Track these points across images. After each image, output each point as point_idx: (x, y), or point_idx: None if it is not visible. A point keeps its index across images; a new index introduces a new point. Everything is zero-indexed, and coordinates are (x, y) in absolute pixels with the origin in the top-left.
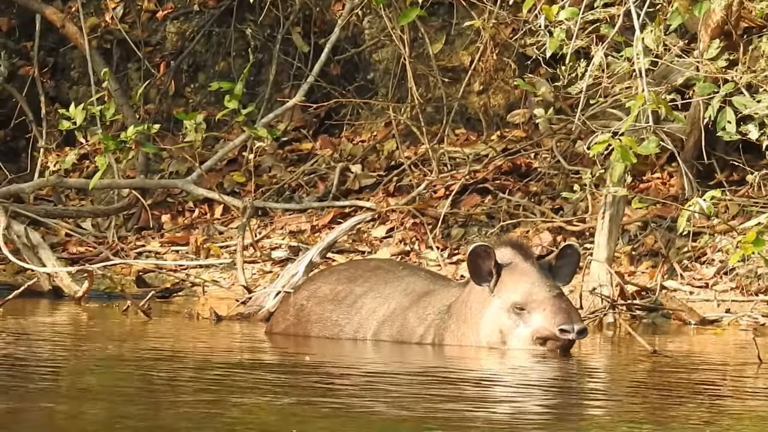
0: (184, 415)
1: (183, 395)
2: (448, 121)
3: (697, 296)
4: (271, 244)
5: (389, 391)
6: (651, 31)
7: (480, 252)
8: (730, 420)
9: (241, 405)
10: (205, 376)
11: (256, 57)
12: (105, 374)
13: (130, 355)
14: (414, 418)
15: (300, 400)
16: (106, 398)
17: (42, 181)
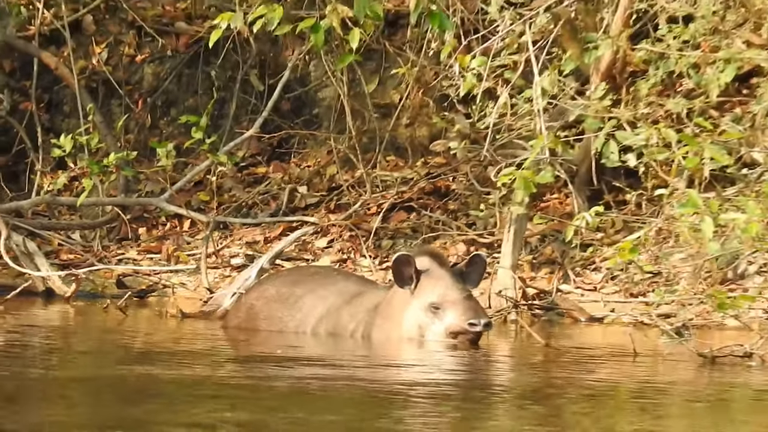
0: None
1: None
2: (380, 150)
3: (587, 298)
4: (231, 253)
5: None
6: (548, 75)
7: (402, 260)
8: (595, 397)
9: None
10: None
11: (219, 95)
12: (83, 361)
13: (108, 346)
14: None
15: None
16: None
17: (38, 199)
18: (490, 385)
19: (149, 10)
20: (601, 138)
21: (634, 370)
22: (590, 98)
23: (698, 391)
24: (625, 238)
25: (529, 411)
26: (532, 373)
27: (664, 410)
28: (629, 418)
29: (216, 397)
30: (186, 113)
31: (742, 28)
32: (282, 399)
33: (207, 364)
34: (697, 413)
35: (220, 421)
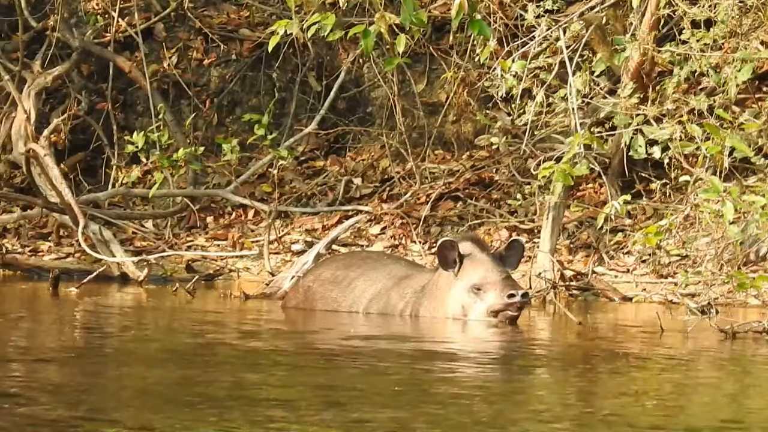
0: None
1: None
2: (428, 144)
3: (620, 279)
4: (291, 240)
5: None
6: (581, 75)
7: (447, 245)
8: (623, 363)
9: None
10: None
11: (280, 95)
12: (156, 339)
13: (178, 324)
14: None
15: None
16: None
17: (114, 191)
18: (528, 354)
19: (215, 18)
20: (630, 133)
21: (660, 343)
22: (620, 96)
23: (721, 362)
24: (654, 224)
25: (565, 377)
26: (565, 346)
27: (689, 377)
28: (656, 384)
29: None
30: (249, 112)
31: (758, 30)
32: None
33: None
34: (720, 381)
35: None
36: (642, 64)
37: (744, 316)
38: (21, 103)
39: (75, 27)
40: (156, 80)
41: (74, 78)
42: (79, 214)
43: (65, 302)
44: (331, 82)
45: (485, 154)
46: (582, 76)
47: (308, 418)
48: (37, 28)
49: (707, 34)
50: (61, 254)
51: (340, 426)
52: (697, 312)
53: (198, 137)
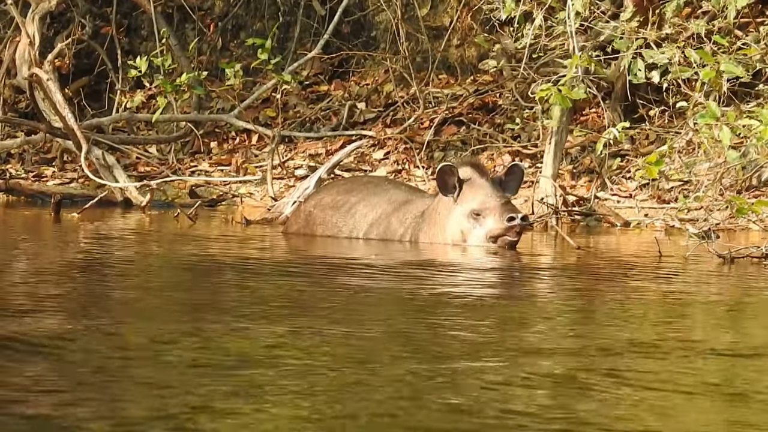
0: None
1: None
2: (432, 69)
3: (623, 204)
4: (295, 165)
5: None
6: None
7: (446, 170)
8: (610, 288)
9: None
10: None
11: (284, 19)
12: (155, 265)
13: (177, 249)
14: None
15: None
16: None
17: (117, 116)
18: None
19: None
20: (629, 56)
21: (657, 272)
22: (620, 20)
23: (720, 294)
24: (656, 150)
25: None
26: (560, 269)
27: (686, 311)
28: (652, 318)
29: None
30: (253, 37)
31: None
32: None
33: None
34: (716, 314)
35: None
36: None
37: (746, 241)
38: (24, 28)
39: None
40: (160, 4)
41: (78, 2)
42: (82, 139)
43: (65, 227)
44: (335, 6)
45: (489, 79)
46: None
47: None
48: None
49: None
50: (65, 179)
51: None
52: (697, 237)
53: (202, 62)
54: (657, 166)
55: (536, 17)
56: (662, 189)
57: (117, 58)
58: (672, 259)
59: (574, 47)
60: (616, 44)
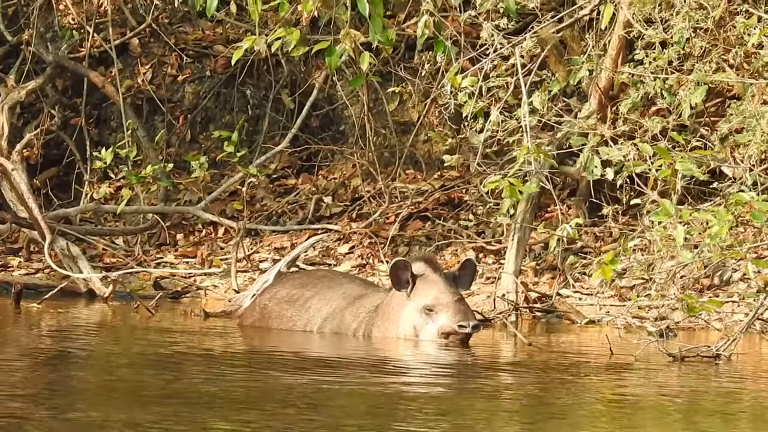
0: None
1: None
2: (399, 164)
3: (585, 302)
4: (260, 258)
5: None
6: (538, 95)
7: (399, 265)
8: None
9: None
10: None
11: (254, 112)
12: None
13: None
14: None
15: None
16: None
17: (83, 206)
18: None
19: (191, 34)
20: (586, 153)
21: (604, 369)
22: (577, 117)
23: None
24: (612, 249)
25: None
26: (503, 365)
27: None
28: (570, 400)
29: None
30: (222, 129)
31: (711, 52)
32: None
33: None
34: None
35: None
36: (611, 83)
37: (705, 340)
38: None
39: (50, 41)
40: (130, 96)
41: (48, 92)
42: (46, 230)
43: (23, 317)
44: (304, 100)
45: (455, 174)
46: (540, 95)
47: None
48: (11, 41)
49: (661, 56)
50: (31, 270)
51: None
52: (653, 336)
53: (171, 154)
54: (612, 265)
55: (492, 113)
56: (624, 287)
57: (86, 149)
58: (622, 358)
59: (528, 142)
60: (573, 141)
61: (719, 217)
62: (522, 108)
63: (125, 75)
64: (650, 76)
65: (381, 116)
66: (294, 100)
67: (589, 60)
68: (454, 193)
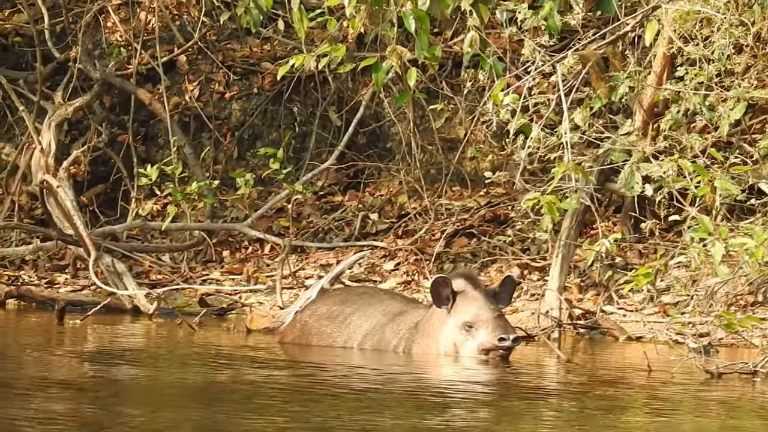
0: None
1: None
2: (445, 181)
3: (629, 318)
4: (305, 274)
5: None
6: (580, 111)
7: (440, 282)
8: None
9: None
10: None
11: (300, 129)
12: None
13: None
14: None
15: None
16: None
17: (129, 224)
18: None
19: (238, 51)
20: (626, 169)
21: (641, 383)
22: (619, 134)
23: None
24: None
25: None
26: (543, 382)
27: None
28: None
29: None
30: (270, 146)
31: (752, 69)
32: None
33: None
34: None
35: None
36: (654, 101)
37: (748, 357)
38: (35, 135)
39: (98, 59)
40: (177, 113)
41: (96, 110)
42: (91, 246)
43: (66, 333)
44: (351, 117)
45: (501, 191)
46: (582, 112)
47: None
48: (59, 59)
49: (702, 72)
50: (77, 287)
51: None
52: (695, 352)
53: (218, 171)
54: (646, 278)
55: (533, 129)
56: (668, 303)
57: (133, 166)
58: (660, 374)
59: (569, 159)
60: (614, 157)
61: (755, 236)
62: (563, 124)
63: (172, 92)
64: (690, 93)
65: (427, 133)
66: (341, 117)
67: (630, 77)
68: (499, 210)
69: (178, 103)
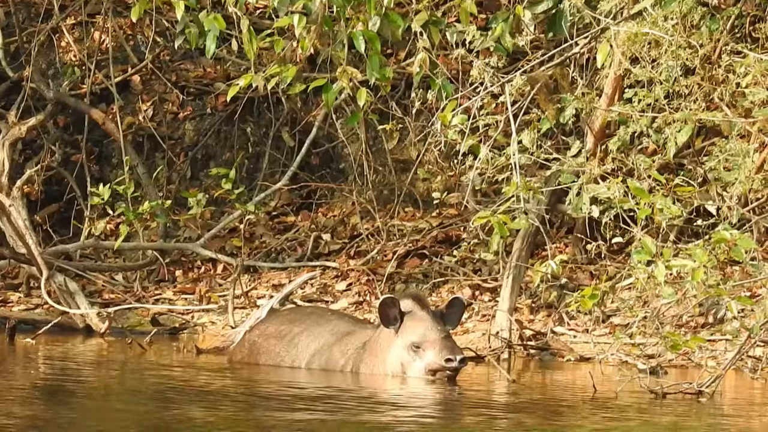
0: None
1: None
2: (398, 202)
3: (580, 339)
4: (258, 294)
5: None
6: (528, 133)
7: (388, 302)
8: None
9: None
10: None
11: (254, 149)
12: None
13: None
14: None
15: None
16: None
17: (82, 243)
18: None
19: (192, 71)
20: (574, 190)
21: (584, 406)
22: (567, 155)
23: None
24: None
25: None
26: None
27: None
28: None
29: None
30: (223, 167)
31: (698, 92)
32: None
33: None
34: None
35: None
36: (605, 123)
37: (697, 378)
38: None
39: (52, 78)
40: (131, 133)
41: (50, 129)
42: (43, 265)
43: (15, 352)
44: (304, 138)
45: (453, 212)
46: (530, 133)
47: None
48: (13, 78)
49: (649, 94)
50: (30, 305)
51: None
52: (644, 373)
53: (172, 190)
54: (592, 299)
55: (481, 150)
56: (619, 324)
57: (87, 186)
58: (605, 395)
59: (517, 180)
60: (562, 179)
61: (697, 258)
62: (511, 145)
63: (126, 112)
64: (637, 115)
65: (380, 154)
66: (294, 137)
67: (578, 99)
68: (451, 231)
69: (132, 123)
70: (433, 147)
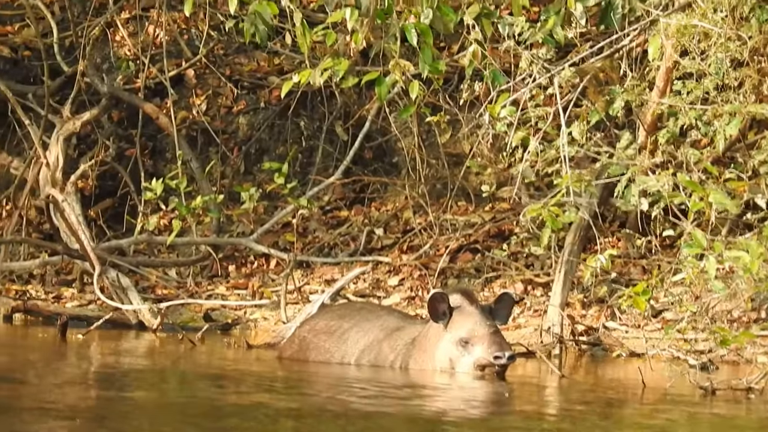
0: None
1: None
2: (450, 196)
3: (631, 334)
4: (310, 289)
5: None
6: (577, 125)
7: (437, 297)
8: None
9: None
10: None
11: (307, 144)
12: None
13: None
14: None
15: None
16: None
17: (135, 238)
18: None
19: (246, 65)
20: (622, 183)
21: (634, 399)
22: (617, 147)
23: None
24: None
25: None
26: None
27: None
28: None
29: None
30: (276, 161)
31: (746, 83)
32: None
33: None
34: None
35: None
36: (658, 116)
37: (750, 374)
38: (41, 149)
39: (106, 73)
40: (185, 127)
41: (104, 124)
42: (95, 261)
43: (67, 347)
44: (357, 132)
45: (506, 206)
46: (579, 125)
47: None
48: (68, 73)
49: (698, 86)
50: (83, 301)
51: None
52: (695, 369)
53: (225, 185)
54: (644, 296)
55: (531, 143)
56: (671, 320)
57: (140, 180)
58: (654, 390)
59: (567, 172)
60: (611, 171)
61: (751, 251)
62: (561, 137)
63: (180, 106)
64: (686, 107)
65: (433, 148)
66: (347, 131)
67: (627, 90)
68: (504, 225)
69: (186, 117)
70: (482, 140)
